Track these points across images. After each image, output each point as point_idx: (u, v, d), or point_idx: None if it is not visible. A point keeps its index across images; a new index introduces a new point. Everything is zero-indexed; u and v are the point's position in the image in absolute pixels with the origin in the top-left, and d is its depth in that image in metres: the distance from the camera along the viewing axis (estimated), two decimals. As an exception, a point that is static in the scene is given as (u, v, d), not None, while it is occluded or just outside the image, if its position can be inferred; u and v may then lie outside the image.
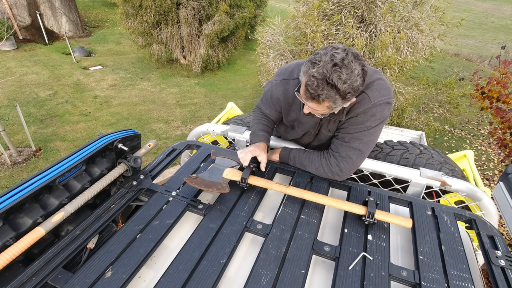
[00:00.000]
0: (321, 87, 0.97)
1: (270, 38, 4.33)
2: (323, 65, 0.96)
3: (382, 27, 3.47)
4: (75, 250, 1.00)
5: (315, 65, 0.98)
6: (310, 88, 0.99)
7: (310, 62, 1.00)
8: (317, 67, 0.97)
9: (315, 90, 0.99)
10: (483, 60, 9.54)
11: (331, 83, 0.96)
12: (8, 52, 7.42)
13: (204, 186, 1.21)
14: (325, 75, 0.96)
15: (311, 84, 0.99)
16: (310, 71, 0.99)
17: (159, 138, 4.65)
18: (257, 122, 1.49)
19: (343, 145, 1.25)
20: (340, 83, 0.96)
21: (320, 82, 0.97)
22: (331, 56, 0.96)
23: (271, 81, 1.39)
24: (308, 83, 1.00)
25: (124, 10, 6.31)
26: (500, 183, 1.27)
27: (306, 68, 1.01)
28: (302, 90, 1.07)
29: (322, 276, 0.98)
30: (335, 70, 0.95)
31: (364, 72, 1.01)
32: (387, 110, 1.19)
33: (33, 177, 1.02)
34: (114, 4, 6.68)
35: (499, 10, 17.85)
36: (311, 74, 0.98)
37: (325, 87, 0.97)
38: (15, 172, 3.63)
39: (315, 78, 0.97)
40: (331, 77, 0.95)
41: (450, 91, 4.12)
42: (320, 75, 0.96)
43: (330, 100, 1.01)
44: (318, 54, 1.00)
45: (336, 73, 0.95)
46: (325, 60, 0.96)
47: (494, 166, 4.54)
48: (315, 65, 0.98)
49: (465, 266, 0.98)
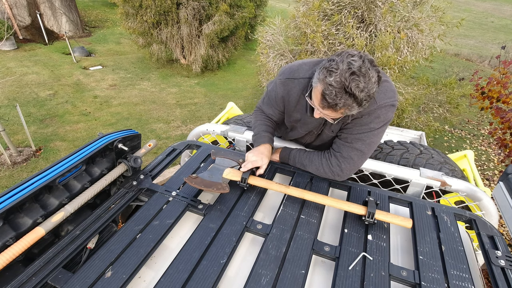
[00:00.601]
0: (339, 96, 0.96)
1: (270, 38, 4.33)
2: (340, 73, 0.94)
3: (382, 27, 3.47)
4: (75, 250, 1.00)
5: (332, 73, 0.95)
6: (328, 97, 0.97)
7: (326, 70, 0.98)
8: (334, 75, 0.95)
9: (333, 99, 0.97)
10: (483, 60, 9.54)
11: (349, 92, 0.94)
12: (8, 52, 7.42)
13: (204, 186, 1.21)
14: (344, 84, 0.94)
15: (329, 93, 0.96)
16: (327, 79, 0.96)
17: (159, 138, 4.65)
18: (259, 123, 1.46)
19: (346, 146, 1.25)
20: (358, 92, 0.94)
21: (338, 91, 0.95)
22: (348, 64, 0.94)
23: (274, 80, 1.37)
24: (325, 92, 0.98)
25: (124, 10, 6.31)
26: (500, 183, 1.27)
27: (322, 76, 0.98)
28: (317, 97, 1.04)
29: (322, 276, 0.98)
30: (353, 79, 0.93)
31: (379, 78, 0.99)
32: (391, 112, 1.19)
33: (33, 177, 1.02)
34: (114, 4, 6.68)
35: (499, 10, 17.85)
36: (328, 82, 0.96)
37: (343, 96, 0.96)
38: (15, 172, 3.63)
39: (333, 87, 0.95)
40: (349, 86, 0.93)
41: (450, 91, 4.12)
42: (338, 84, 0.94)
43: (346, 108, 1.00)
44: (334, 62, 0.97)
45: (354, 82, 0.93)
46: (343, 68, 0.94)
47: (494, 166, 4.54)
48: (332, 73, 0.95)
49: (465, 266, 0.98)
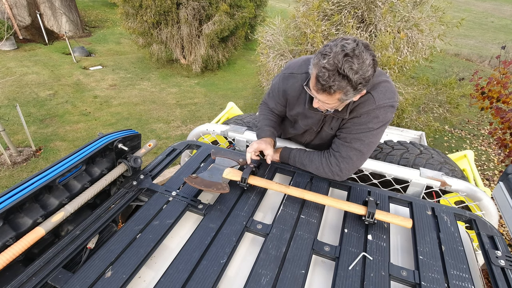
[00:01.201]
0: (332, 78, 0.95)
1: (270, 38, 4.33)
2: (334, 55, 0.94)
3: (382, 27, 3.47)
4: (75, 250, 1.00)
5: (326, 56, 0.95)
6: (322, 79, 0.97)
7: (320, 53, 0.98)
8: (327, 58, 0.95)
9: (327, 81, 0.96)
10: (483, 60, 9.54)
11: (342, 74, 0.94)
12: (8, 52, 7.43)
13: (204, 186, 1.21)
14: (337, 65, 0.93)
15: (322, 75, 0.96)
16: (320, 62, 0.96)
17: (159, 138, 4.65)
18: (263, 118, 1.49)
19: (344, 145, 1.25)
20: (352, 74, 0.93)
21: (332, 73, 0.95)
22: (341, 46, 0.94)
23: (279, 74, 1.39)
24: (319, 74, 0.97)
25: (124, 10, 6.32)
26: (500, 183, 1.27)
27: (317, 60, 0.99)
28: (312, 82, 1.04)
29: (322, 276, 0.98)
30: (347, 61, 0.92)
31: (375, 62, 0.99)
32: (390, 113, 1.18)
33: (33, 177, 1.02)
34: (114, 4, 6.68)
35: (499, 10, 17.85)
36: (321, 65, 0.96)
37: (336, 78, 0.95)
38: (15, 172, 3.63)
39: (326, 69, 0.95)
40: (342, 67, 0.93)
41: (450, 91, 4.12)
42: (331, 66, 0.94)
43: (342, 92, 0.98)
44: (328, 46, 0.97)
45: (347, 63, 0.93)
46: (336, 50, 0.94)
47: (494, 166, 4.54)
48: (325, 56, 0.95)
49: (465, 266, 0.98)
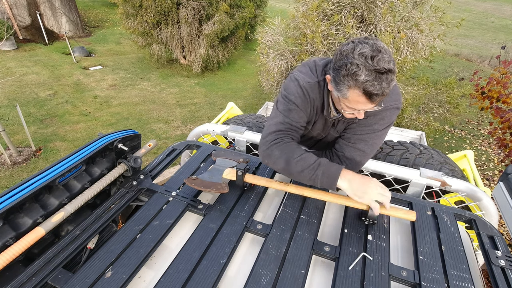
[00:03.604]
0: (381, 82, 0.92)
1: (270, 38, 4.33)
2: (364, 66, 0.91)
3: (382, 27, 3.47)
4: (75, 250, 1.00)
5: (358, 73, 0.92)
6: (375, 90, 0.93)
7: (348, 75, 0.94)
8: (362, 72, 0.92)
9: (380, 89, 0.93)
10: (483, 60, 9.54)
11: (384, 71, 0.91)
12: (8, 52, 7.42)
13: (204, 187, 1.21)
14: (375, 69, 0.91)
15: (373, 88, 0.92)
16: (360, 79, 0.92)
17: (159, 138, 4.65)
18: (301, 151, 1.10)
19: (348, 146, 1.25)
20: (388, 64, 0.91)
21: (378, 79, 0.92)
22: (360, 55, 0.92)
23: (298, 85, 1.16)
24: (369, 90, 0.93)
25: (124, 10, 6.31)
26: (500, 183, 1.27)
27: (353, 81, 0.94)
28: (360, 100, 0.97)
29: (322, 276, 0.98)
30: (378, 60, 0.91)
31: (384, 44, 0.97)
32: (395, 115, 1.19)
33: (33, 177, 1.02)
34: (114, 4, 6.68)
35: (499, 10, 17.85)
36: (363, 80, 0.92)
37: (383, 79, 0.92)
38: (15, 172, 3.63)
39: (370, 81, 0.92)
40: (380, 67, 0.91)
41: (450, 91, 4.12)
42: (371, 74, 0.91)
43: (390, 85, 0.94)
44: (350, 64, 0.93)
45: (381, 61, 0.91)
46: (361, 62, 0.92)
47: (494, 166, 4.54)
48: (358, 74, 0.92)
49: (465, 266, 0.98)
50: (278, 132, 1.14)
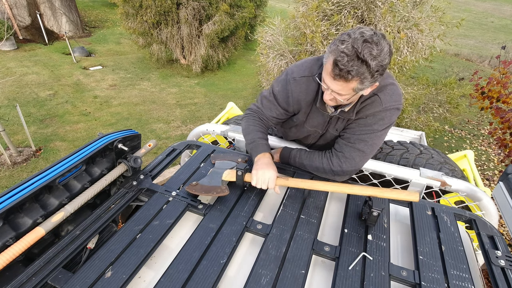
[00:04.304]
0: (351, 62, 0.94)
1: (270, 39, 4.33)
2: (353, 41, 0.93)
3: (382, 27, 3.47)
4: (75, 250, 1.00)
5: (344, 42, 0.94)
6: (340, 63, 0.95)
7: (337, 40, 0.97)
8: (346, 43, 0.94)
9: (345, 65, 0.94)
10: (483, 60, 9.54)
11: (362, 59, 0.93)
12: (8, 52, 7.42)
13: (204, 191, 1.21)
14: (356, 50, 0.92)
15: (341, 59, 0.94)
16: (339, 47, 0.95)
17: (159, 138, 4.65)
18: (253, 129, 1.36)
19: (348, 146, 1.25)
20: (371, 59, 0.93)
21: (351, 58, 0.93)
22: (360, 33, 0.94)
23: (284, 79, 1.28)
24: (337, 59, 0.95)
25: (124, 10, 6.31)
26: (500, 183, 1.27)
27: (334, 46, 0.98)
28: (328, 69, 1.01)
29: (322, 276, 0.98)
30: (366, 46, 0.92)
31: (391, 52, 0.98)
32: (395, 115, 1.19)
33: (33, 177, 1.02)
34: (114, 4, 6.68)
35: (499, 10, 17.85)
36: (340, 50, 0.94)
37: (355, 63, 0.94)
38: (15, 172, 3.63)
39: (345, 53, 0.94)
40: (362, 52, 0.92)
41: (450, 91, 4.12)
42: (350, 51, 0.93)
43: (359, 79, 0.97)
44: (345, 33, 0.97)
45: (367, 49, 0.92)
46: (355, 37, 0.93)
47: (494, 166, 4.54)
48: (344, 42, 0.94)
49: (465, 266, 0.98)
50: (252, 110, 1.44)
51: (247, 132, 1.38)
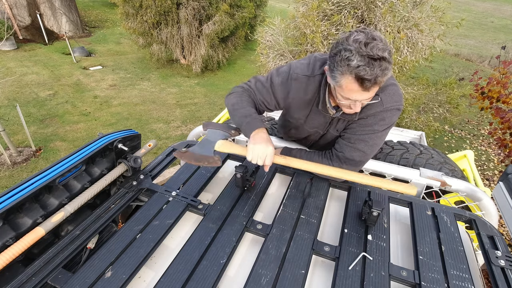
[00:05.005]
0: (374, 68, 0.92)
1: (270, 39, 4.33)
2: (357, 52, 0.92)
3: (382, 27, 3.47)
4: (75, 250, 1.00)
5: (351, 58, 0.93)
6: (367, 75, 0.93)
7: (342, 60, 0.96)
8: (354, 57, 0.92)
9: (372, 74, 0.92)
10: (483, 60, 9.54)
11: (377, 58, 0.91)
12: (8, 52, 7.43)
13: (195, 160, 1.14)
14: (368, 55, 0.91)
15: (365, 73, 0.92)
16: (352, 64, 0.93)
17: (159, 138, 4.65)
18: (247, 105, 1.28)
19: (348, 146, 1.25)
20: (383, 51, 0.92)
21: (370, 65, 0.92)
22: (354, 41, 0.93)
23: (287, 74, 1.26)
24: (360, 74, 0.93)
25: (124, 10, 6.31)
26: (500, 183, 1.27)
27: (344, 65, 0.96)
28: (353, 87, 0.99)
29: (322, 276, 0.98)
30: (371, 46, 0.91)
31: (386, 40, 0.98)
32: (396, 116, 1.19)
33: (33, 177, 1.02)
34: (114, 4, 6.68)
35: (499, 10, 17.85)
36: (355, 65, 0.93)
37: (376, 66, 0.92)
38: (15, 172, 3.63)
39: (362, 66, 0.92)
40: (374, 53, 0.91)
41: (450, 91, 4.12)
42: (364, 60, 0.92)
43: (385, 75, 0.95)
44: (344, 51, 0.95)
45: (374, 48, 0.91)
46: (354, 47, 0.93)
47: (494, 166, 4.54)
48: (350, 59, 0.93)
49: (465, 266, 0.98)
50: (244, 88, 1.35)
51: (240, 106, 1.27)
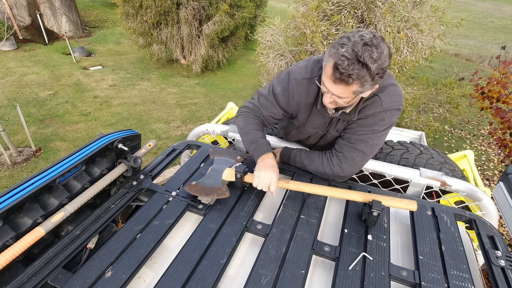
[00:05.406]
0: (352, 66, 0.94)
1: (270, 39, 4.33)
2: (353, 44, 0.93)
3: (382, 27, 3.47)
4: (75, 250, 1.00)
5: (344, 45, 0.95)
6: (341, 67, 0.95)
7: (337, 44, 0.98)
8: (346, 47, 0.94)
9: (346, 69, 0.94)
10: (483, 60, 9.54)
11: (362, 62, 0.93)
12: (8, 52, 7.42)
13: (205, 193, 1.19)
14: (356, 54, 0.93)
15: (342, 63, 0.94)
16: (339, 51, 0.95)
17: (159, 138, 4.65)
18: (253, 128, 1.33)
19: (348, 146, 1.24)
20: (371, 62, 0.93)
21: (351, 61, 0.93)
22: (360, 36, 0.94)
23: (286, 79, 1.27)
24: (337, 63, 0.95)
25: (124, 10, 6.31)
26: (500, 183, 1.27)
27: (334, 49, 0.98)
28: (328, 72, 1.01)
29: (322, 276, 0.98)
30: (366, 49, 0.92)
31: (390, 54, 0.99)
32: (396, 116, 1.19)
33: (33, 177, 1.02)
34: (114, 4, 6.68)
35: (499, 10, 17.85)
36: (341, 53, 0.94)
37: (356, 66, 0.94)
38: (15, 172, 3.63)
39: (345, 57, 0.94)
40: (362, 56, 0.92)
41: (450, 91, 4.12)
42: (350, 54, 0.93)
43: (359, 82, 0.97)
44: (345, 37, 0.97)
45: (367, 52, 0.92)
46: (355, 40, 0.94)
47: (494, 166, 4.54)
48: (344, 45, 0.95)
49: (465, 266, 0.98)
50: (249, 108, 1.39)
51: (246, 131, 1.34)
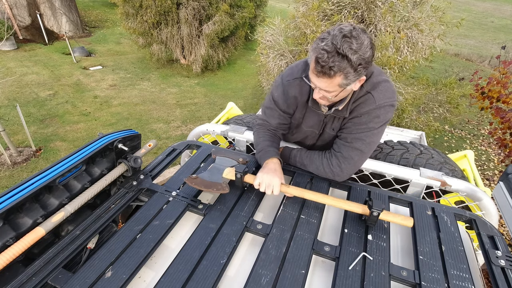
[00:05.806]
0: (332, 58, 0.95)
1: (270, 39, 4.33)
2: (332, 37, 0.96)
3: (382, 27, 3.47)
4: (75, 250, 1.00)
5: (324, 39, 0.97)
6: (321, 60, 0.97)
7: (318, 39, 1.00)
8: (326, 40, 0.96)
9: (326, 62, 0.96)
10: (483, 60, 9.54)
11: (342, 54, 0.95)
12: (8, 52, 7.42)
13: (204, 186, 1.20)
14: (335, 46, 0.94)
15: (322, 56, 0.96)
16: (319, 45, 0.97)
17: (159, 138, 4.65)
18: (262, 140, 1.40)
19: (345, 145, 1.25)
20: (351, 53, 0.94)
21: (331, 54, 0.95)
22: (339, 30, 0.96)
23: (280, 83, 1.33)
24: (318, 56, 0.97)
25: (124, 10, 6.31)
26: (500, 183, 1.27)
27: (315, 44, 1.00)
28: (311, 66, 1.03)
29: (322, 276, 0.98)
30: (345, 41, 0.94)
31: (373, 45, 1.00)
32: (390, 112, 1.19)
33: (33, 177, 1.02)
34: (114, 4, 6.68)
35: (499, 10, 17.85)
36: (320, 47, 0.97)
37: (336, 59, 0.95)
38: (15, 172, 3.63)
39: (325, 50, 0.96)
40: (341, 47, 0.94)
41: (450, 91, 4.12)
42: (329, 47, 0.95)
43: (342, 74, 0.98)
44: (326, 31, 1.00)
45: (346, 43, 0.94)
46: (334, 33, 0.96)
47: (494, 166, 4.54)
48: (324, 40, 0.97)
49: (465, 266, 0.98)
50: (259, 124, 1.48)
51: (257, 144, 1.43)
